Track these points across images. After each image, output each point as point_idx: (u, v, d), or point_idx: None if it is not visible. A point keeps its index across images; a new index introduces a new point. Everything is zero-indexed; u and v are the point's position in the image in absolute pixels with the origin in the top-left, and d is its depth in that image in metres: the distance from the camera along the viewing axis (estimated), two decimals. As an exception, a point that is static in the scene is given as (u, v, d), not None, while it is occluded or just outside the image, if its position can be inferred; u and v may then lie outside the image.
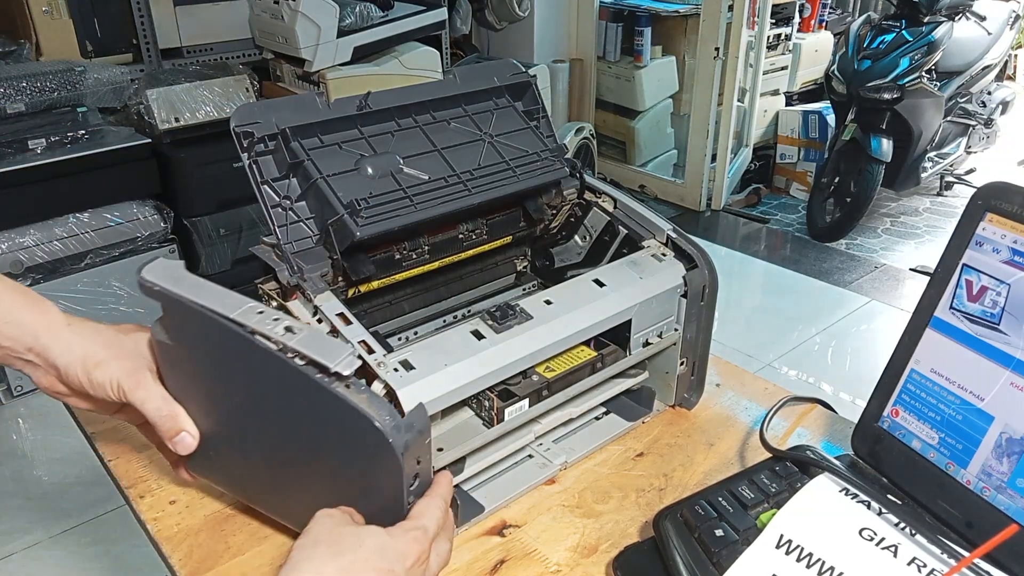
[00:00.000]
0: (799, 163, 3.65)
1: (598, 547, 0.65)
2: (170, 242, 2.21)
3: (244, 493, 0.66)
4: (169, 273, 0.57)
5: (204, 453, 0.62)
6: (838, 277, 2.90)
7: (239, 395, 0.58)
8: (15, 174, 1.89)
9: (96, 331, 0.61)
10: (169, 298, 0.56)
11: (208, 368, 0.58)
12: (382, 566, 0.49)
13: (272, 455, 0.60)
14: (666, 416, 0.81)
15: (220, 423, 0.60)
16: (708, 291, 0.74)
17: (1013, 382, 0.57)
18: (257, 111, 0.63)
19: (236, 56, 2.51)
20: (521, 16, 3.25)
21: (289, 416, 0.56)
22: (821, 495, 0.59)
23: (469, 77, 0.76)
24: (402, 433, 0.52)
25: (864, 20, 3.11)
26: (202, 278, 0.57)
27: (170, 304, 0.57)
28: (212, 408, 0.60)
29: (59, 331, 0.59)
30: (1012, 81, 3.98)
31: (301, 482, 0.59)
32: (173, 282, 0.56)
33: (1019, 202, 0.58)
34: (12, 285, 0.60)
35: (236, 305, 0.54)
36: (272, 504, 0.64)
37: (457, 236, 0.75)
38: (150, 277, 0.57)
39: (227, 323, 0.53)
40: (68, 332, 0.59)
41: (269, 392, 0.56)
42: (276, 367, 0.53)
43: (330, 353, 0.51)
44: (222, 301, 0.54)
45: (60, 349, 0.58)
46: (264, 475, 0.62)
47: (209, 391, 0.59)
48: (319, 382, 0.51)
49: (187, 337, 0.58)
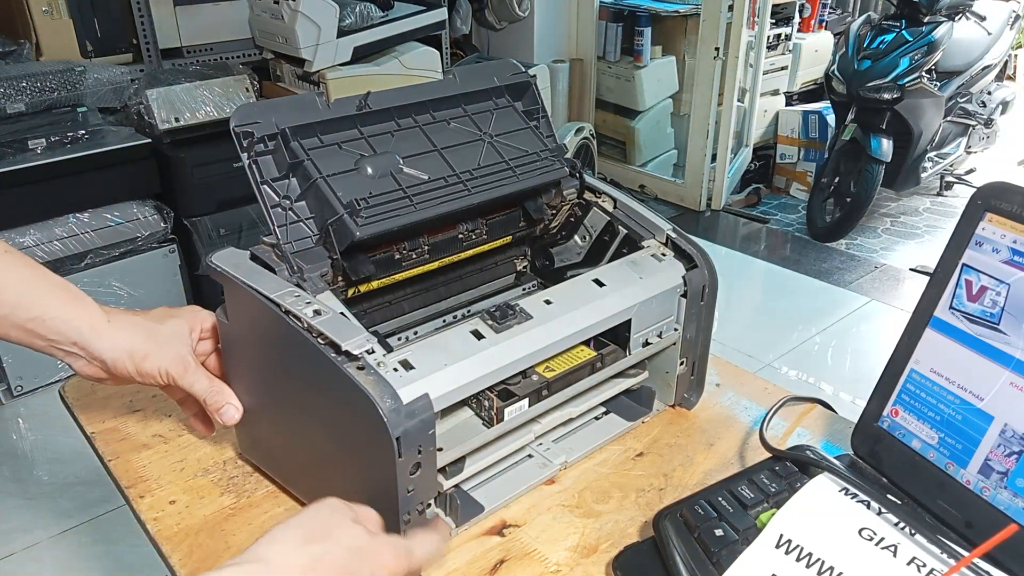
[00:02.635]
0: (799, 163, 3.65)
1: (598, 547, 0.65)
2: (170, 242, 2.22)
3: (281, 474, 0.70)
4: (233, 259, 0.64)
5: (250, 433, 0.69)
6: (838, 277, 2.90)
7: (277, 373, 0.63)
8: (15, 174, 1.89)
9: (135, 324, 0.65)
10: (228, 279, 0.62)
11: (256, 349, 0.64)
12: (350, 566, 0.49)
13: (301, 435, 0.64)
14: (666, 416, 0.81)
15: (263, 401, 0.66)
16: (708, 291, 0.74)
17: (1013, 382, 0.57)
18: (257, 111, 0.64)
19: (236, 56, 2.51)
20: (521, 16, 3.25)
21: (313, 395, 0.60)
22: (821, 495, 0.59)
23: (469, 77, 0.76)
24: (401, 418, 0.53)
25: (864, 20, 3.12)
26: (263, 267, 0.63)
27: (229, 285, 0.63)
28: (257, 386, 0.66)
29: (101, 327, 0.63)
30: (1012, 81, 3.98)
31: (322, 463, 0.63)
32: (234, 267, 0.63)
33: (1019, 202, 0.58)
34: (53, 280, 0.64)
35: (277, 288, 0.60)
36: (302, 486, 0.68)
37: (457, 236, 0.75)
38: (217, 261, 0.63)
39: (267, 302, 0.59)
40: (110, 328, 0.63)
41: (298, 370, 0.60)
42: (303, 345, 0.57)
43: (345, 334, 0.56)
44: (268, 284, 0.60)
45: (105, 345, 0.63)
46: (295, 455, 0.66)
47: (256, 369, 0.66)
48: (333, 360, 0.55)
49: (240, 317, 0.64)
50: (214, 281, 0.64)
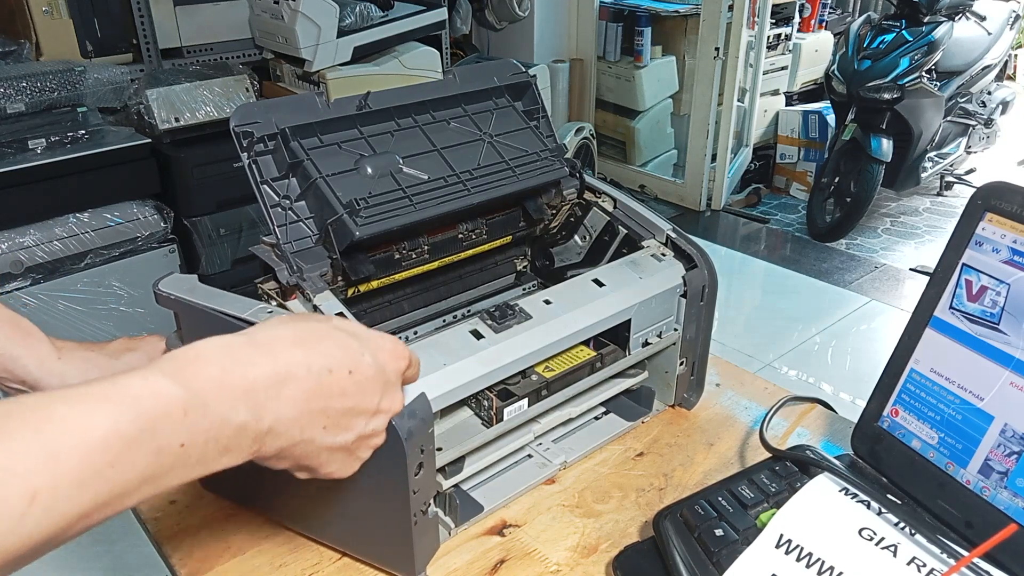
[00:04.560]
0: (799, 163, 3.65)
1: (598, 547, 0.65)
2: (170, 242, 2.21)
3: (255, 503, 0.67)
4: (183, 284, 0.60)
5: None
6: (838, 277, 2.90)
7: None
8: (15, 174, 1.89)
9: (87, 360, 0.62)
10: (185, 307, 0.58)
11: None
12: (345, 343, 0.46)
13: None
14: (666, 416, 0.81)
15: None
16: (708, 291, 0.74)
17: (1013, 382, 0.57)
18: (257, 111, 0.63)
19: (236, 56, 2.50)
20: (521, 16, 3.25)
21: None
22: (821, 495, 0.59)
23: (469, 77, 0.76)
24: (405, 420, 0.53)
25: (864, 20, 3.12)
26: (212, 287, 0.59)
27: (186, 312, 0.59)
28: None
29: (51, 364, 0.60)
30: (1012, 81, 3.98)
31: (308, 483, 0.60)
32: (188, 292, 0.59)
33: (1019, 202, 0.58)
34: (1, 316, 0.60)
35: (247, 307, 0.56)
36: (284, 511, 0.65)
37: (457, 236, 0.75)
38: (166, 289, 0.59)
39: (240, 324, 0.55)
40: (60, 366, 0.60)
41: None
42: None
43: None
44: (234, 305, 0.57)
45: (55, 383, 0.60)
46: (274, 479, 0.62)
47: None
48: None
49: None
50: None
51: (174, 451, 0.37)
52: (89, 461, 0.34)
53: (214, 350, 0.41)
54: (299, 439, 0.44)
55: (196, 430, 0.38)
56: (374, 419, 0.48)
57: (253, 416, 0.41)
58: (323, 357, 0.44)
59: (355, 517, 0.60)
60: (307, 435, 0.44)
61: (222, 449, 0.40)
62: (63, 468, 0.33)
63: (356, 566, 0.63)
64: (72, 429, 0.34)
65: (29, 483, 0.32)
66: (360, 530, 0.61)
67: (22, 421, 0.33)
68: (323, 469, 0.47)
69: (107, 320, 2.06)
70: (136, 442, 0.36)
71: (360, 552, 0.63)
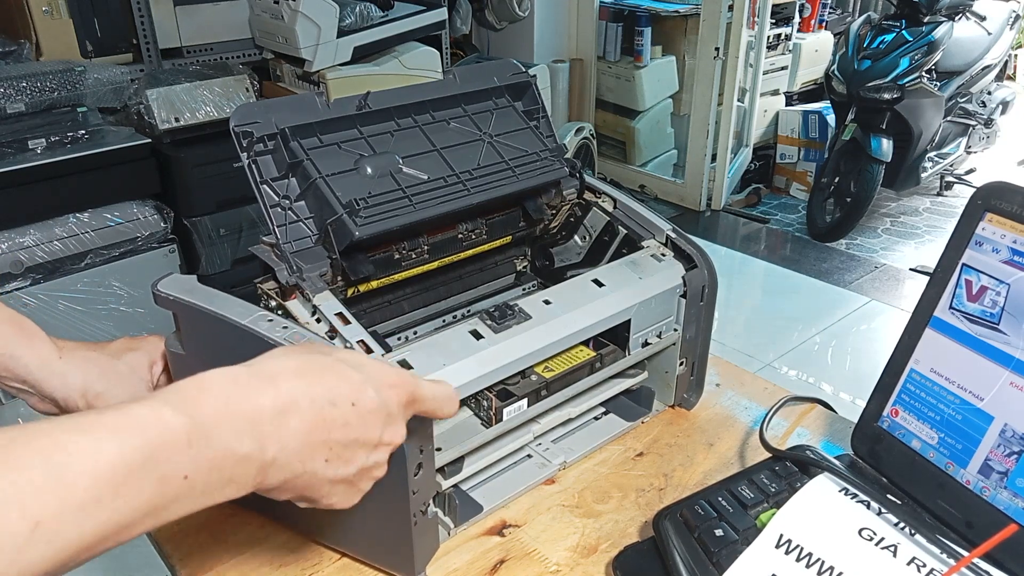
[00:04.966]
0: (799, 163, 3.65)
1: (598, 547, 0.65)
2: (170, 242, 2.21)
3: (255, 503, 0.66)
4: (182, 285, 0.59)
5: None
6: (838, 277, 2.90)
7: None
8: (15, 174, 1.89)
9: (88, 360, 0.62)
10: (184, 308, 0.58)
11: None
12: (346, 374, 0.46)
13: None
14: (666, 416, 0.81)
15: None
16: (707, 291, 0.74)
17: (1013, 382, 0.57)
18: (257, 111, 0.63)
19: (236, 56, 2.50)
20: (521, 16, 3.25)
21: None
22: (821, 495, 0.59)
23: (469, 77, 0.76)
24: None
25: (864, 20, 3.12)
26: (212, 288, 0.59)
27: (185, 314, 0.59)
28: None
29: (52, 364, 0.60)
30: (1012, 81, 3.98)
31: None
32: (187, 293, 0.58)
33: (1019, 202, 0.58)
34: (1, 315, 0.60)
35: (247, 313, 0.56)
36: (283, 511, 0.65)
37: (456, 236, 0.75)
38: (165, 290, 0.59)
39: (237, 328, 0.55)
40: (61, 365, 0.60)
41: None
42: None
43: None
44: (232, 308, 0.57)
45: (56, 383, 0.60)
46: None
47: None
48: None
49: (200, 347, 0.59)
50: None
51: (178, 481, 0.38)
52: (94, 490, 0.34)
53: (219, 381, 0.42)
54: (301, 471, 0.44)
55: (200, 459, 0.38)
56: (376, 452, 0.48)
57: (257, 446, 0.41)
58: (326, 389, 0.44)
59: (355, 517, 0.60)
60: (309, 467, 0.44)
61: (226, 480, 0.40)
62: (68, 496, 0.33)
63: (356, 566, 0.63)
64: (79, 457, 0.34)
65: (32, 512, 0.32)
66: (360, 530, 0.61)
67: (28, 448, 0.33)
68: (324, 500, 0.48)
69: (107, 320, 2.06)
70: (141, 471, 0.36)
71: (360, 552, 0.63)
